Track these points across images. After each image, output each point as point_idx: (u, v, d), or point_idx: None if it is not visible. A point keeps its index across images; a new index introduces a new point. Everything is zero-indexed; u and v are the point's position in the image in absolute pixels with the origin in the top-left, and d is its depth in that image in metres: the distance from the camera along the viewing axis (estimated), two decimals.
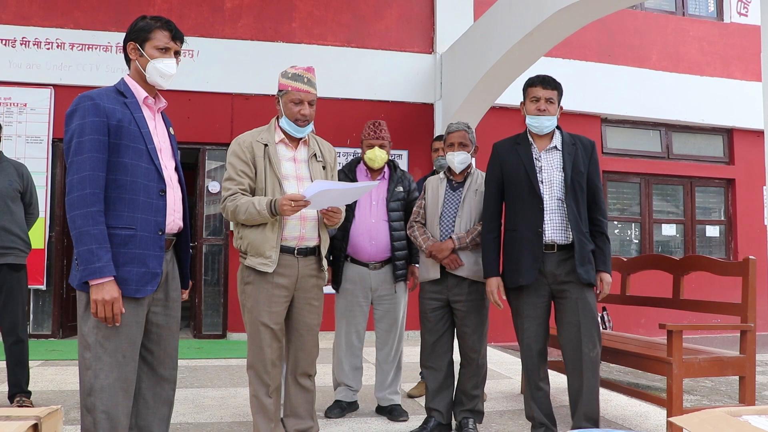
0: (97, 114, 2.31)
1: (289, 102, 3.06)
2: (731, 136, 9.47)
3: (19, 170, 4.32)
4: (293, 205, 2.83)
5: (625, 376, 6.00)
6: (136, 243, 2.35)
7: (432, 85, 8.24)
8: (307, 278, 3.08)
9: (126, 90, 2.45)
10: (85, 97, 2.35)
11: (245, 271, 3.05)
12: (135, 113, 2.41)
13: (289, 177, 3.06)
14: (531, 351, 3.34)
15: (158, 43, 2.46)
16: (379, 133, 4.03)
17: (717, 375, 3.64)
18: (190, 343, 7.16)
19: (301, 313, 3.08)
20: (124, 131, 2.35)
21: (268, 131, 3.13)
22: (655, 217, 9.25)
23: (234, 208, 2.96)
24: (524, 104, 3.43)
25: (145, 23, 2.48)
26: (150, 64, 2.45)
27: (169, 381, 2.56)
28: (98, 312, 2.26)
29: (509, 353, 6.88)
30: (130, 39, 2.48)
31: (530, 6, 5.93)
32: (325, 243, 3.17)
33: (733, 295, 3.78)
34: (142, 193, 2.37)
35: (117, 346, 2.32)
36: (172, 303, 2.56)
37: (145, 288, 2.37)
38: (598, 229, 3.34)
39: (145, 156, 2.39)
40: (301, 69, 3.12)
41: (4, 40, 7.26)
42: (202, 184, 7.76)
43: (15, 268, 4.18)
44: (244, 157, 3.02)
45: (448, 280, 3.58)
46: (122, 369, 2.32)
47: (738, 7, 9.63)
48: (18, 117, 7.14)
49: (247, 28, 7.88)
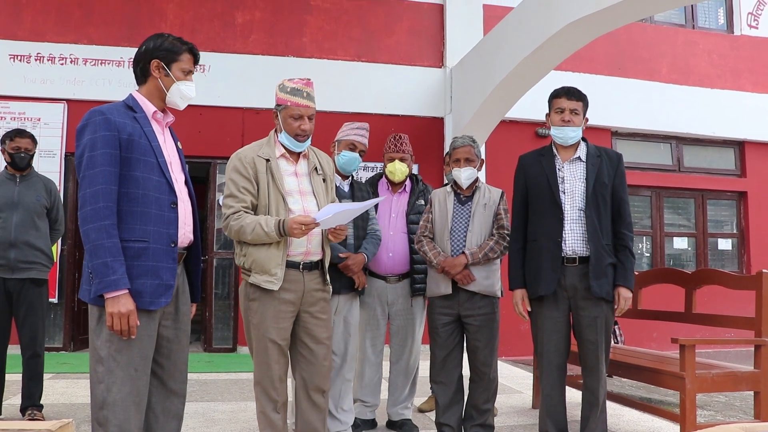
0: (108, 128, 2.33)
1: (289, 117, 3.00)
2: (743, 148, 9.43)
3: (48, 186, 4.39)
4: (303, 229, 2.80)
5: (638, 390, 5.94)
6: (149, 255, 2.36)
7: (442, 99, 8.26)
8: (313, 292, 3.02)
9: (135, 105, 2.47)
10: (96, 112, 2.37)
11: (249, 288, 2.98)
12: (145, 127, 2.43)
13: (292, 192, 3.00)
14: (550, 365, 3.33)
15: (185, 66, 2.50)
16: (401, 147, 4.03)
17: (731, 390, 3.61)
18: (201, 357, 7.17)
19: (308, 327, 3.01)
20: (134, 145, 2.37)
21: (269, 145, 3.07)
22: (667, 230, 9.20)
23: (239, 227, 2.89)
24: (549, 116, 3.42)
25: (173, 44, 2.50)
26: (175, 86, 2.49)
27: (178, 395, 2.55)
28: (114, 325, 2.26)
29: (520, 367, 6.84)
30: (154, 56, 2.48)
31: (540, 20, 5.95)
32: (328, 256, 3.12)
33: (747, 309, 3.75)
34: (154, 206, 2.38)
35: (130, 359, 2.31)
36: (182, 317, 2.56)
37: (159, 300, 2.38)
38: (621, 242, 3.30)
39: (156, 169, 2.41)
40: (300, 83, 3.04)
41: (19, 56, 7.35)
42: (213, 197, 7.79)
43: (37, 283, 4.21)
44: (246, 173, 2.96)
45: (459, 295, 3.58)
46: (135, 383, 2.32)
47: (748, 20, 9.62)
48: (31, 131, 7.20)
49: (259, 43, 7.95)
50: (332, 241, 3.07)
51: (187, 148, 8.49)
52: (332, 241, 3.07)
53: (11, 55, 7.34)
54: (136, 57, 2.54)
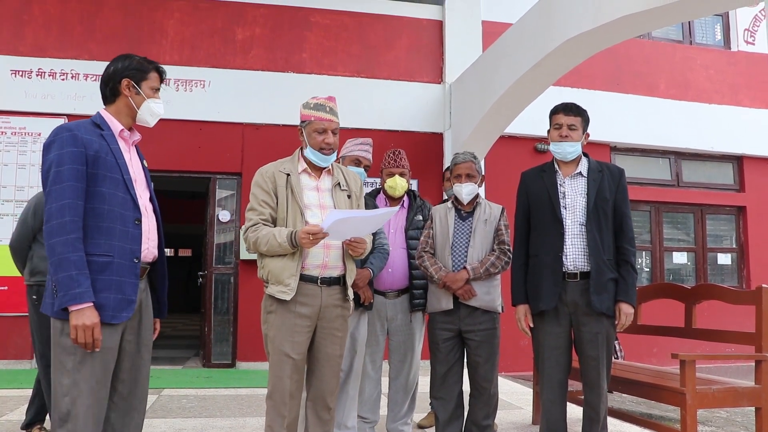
0: (75, 144, 2.38)
1: (313, 132, 3.05)
2: (741, 163, 9.46)
3: None
4: (312, 238, 2.81)
5: (638, 406, 5.91)
6: (113, 270, 2.41)
7: (441, 115, 8.29)
8: (331, 308, 3.01)
9: (102, 123, 2.54)
10: (63, 129, 2.43)
11: (268, 301, 3.00)
12: (111, 144, 2.49)
13: (311, 206, 3.02)
14: (551, 381, 3.32)
15: (153, 84, 2.62)
16: (399, 162, 4.04)
17: (732, 406, 3.60)
18: (200, 372, 7.14)
19: (322, 343, 3.01)
20: (101, 161, 2.43)
21: (291, 162, 3.12)
22: (666, 245, 9.20)
23: (255, 239, 2.94)
24: (549, 132, 3.45)
25: (140, 64, 2.60)
26: (145, 103, 2.59)
27: (138, 410, 2.57)
28: (78, 338, 2.28)
29: (520, 383, 6.82)
30: (124, 76, 2.57)
31: (539, 36, 5.99)
32: (351, 272, 3.10)
33: (747, 324, 3.74)
34: (119, 222, 2.44)
35: (92, 372, 2.35)
36: (144, 331, 2.59)
37: (121, 314, 2.42)
38: (623, 257, 3.31)
39: (122, 186, 2.47)
40: (323, 99, 3.13)
41: (21, 72, 7.39)
42: (213, 213, 7.79)
43: None
44: (266, 187, 3.01)
45: (460, 311, 3.58)
46: (96, 395, 2.35)
47: (745, 36, 9.69)
48: (32, 146, 7.24)
49: (258, 58, 7.98)
50: (352, 255, 3.04)
51: (187, 163, 8.55)
52: (352, 255, 3.04)
53: (13, 71, 7.38)
54: (104, 78, 2.61)
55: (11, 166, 7.27)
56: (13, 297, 7.02)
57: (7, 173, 7.26)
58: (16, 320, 7.05)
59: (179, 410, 5.09)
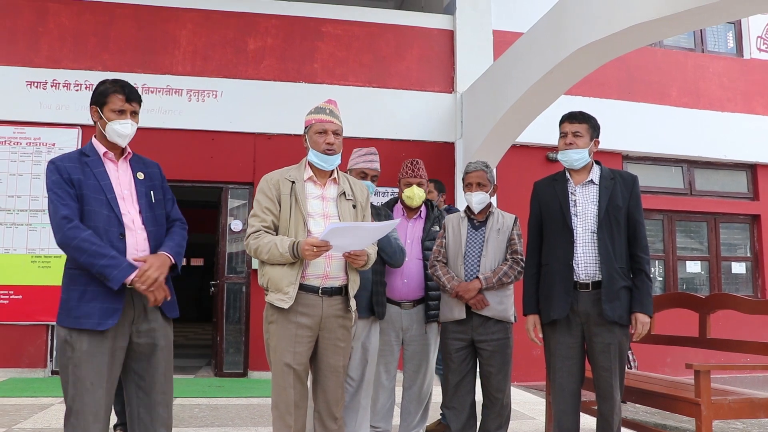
0: (59, 173, 2.67)
1: (314, 134, 3.08)
2: (755, 171, 9.39)
3: None
4: (315, 251, 2.82)
5: (652, 417, 5.86)
6: (100, 281, 2.60)
7: (453, 124, 8.30)
8: (333, 319, 3.01)
9: (90, 150, 2.78)
10: (50, 163, 2.72)
11: (269, 310, 3.01)
12: (95, 169, 2.73)
13: (315, 215, 3.02)
14: (563, 391, 3.29)
15: (114, 107, 2.76)
16: (417, 172, 4.03)
17: (748, 417, 3.56)
18: (212, 382, 7.15)
19: (325, 354, 3.01)
20: (83, 184, 2.68)
21: (297, 169, 3.12)
22: (679, 254, 9.14)
23: (257, 246, 2.95)
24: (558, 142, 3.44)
25: (104, 88, 2.79)
26: (109, 126, 2.76)
27: (162, 405, 2.78)
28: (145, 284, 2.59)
29: (532, 393, 6.77)
30: (92, 104, 2.80)
31: (550, 45, 5.99)
32: (354, 283, 3.09)
33: (762, 334, 3.71)
34: (104, 237, 2.64)
35: (86, 374, 2.58)
36: (155, 333, 2.76)
37: (106, 321, 2.60)
38: (637, 266, 3.28)
39: (106, 205, 2.69)
40: (323, 103, 3.18)
41: (36, 83, 7.47)
42: (225, 222, 7.82)
43: None
44: (270, 194, 3.02)
45: (472, 320, 3.57)
46: (92, 395, 2.59)
47: (757, 43, 9.65)
48: (47, 156, 7.29)
49: (270, 69, 8.03)
50: (353, 266, 3.03)
51: (199, 173, 8.58)
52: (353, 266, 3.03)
53: (28, 82, 7.46)
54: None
55: (26, 176, 7.33)
56: (27, 306, 7.07)
57: (22, 183, 7.32)
58: (31, 329, 7.11)
59: (191, 419, 5.10)
